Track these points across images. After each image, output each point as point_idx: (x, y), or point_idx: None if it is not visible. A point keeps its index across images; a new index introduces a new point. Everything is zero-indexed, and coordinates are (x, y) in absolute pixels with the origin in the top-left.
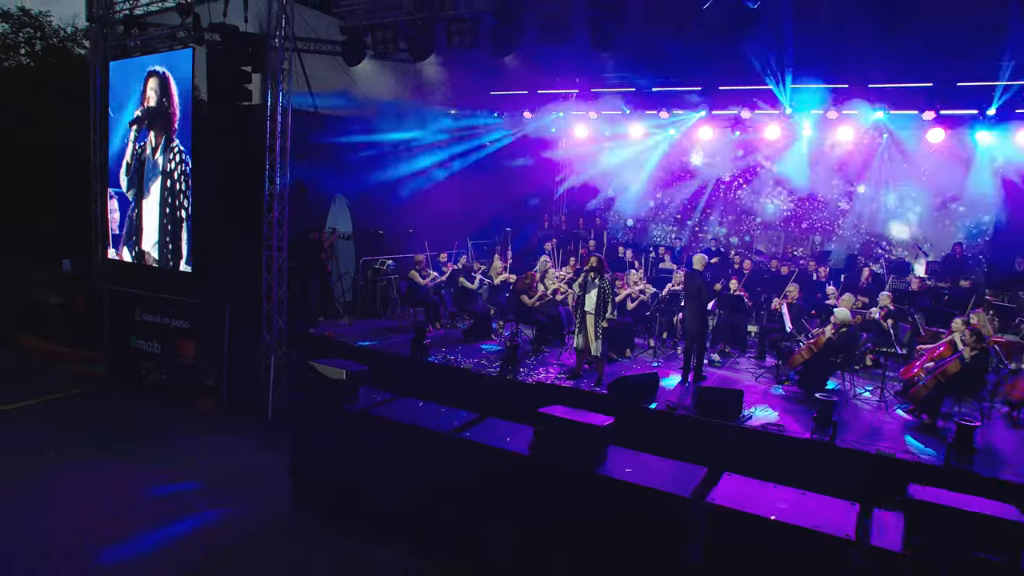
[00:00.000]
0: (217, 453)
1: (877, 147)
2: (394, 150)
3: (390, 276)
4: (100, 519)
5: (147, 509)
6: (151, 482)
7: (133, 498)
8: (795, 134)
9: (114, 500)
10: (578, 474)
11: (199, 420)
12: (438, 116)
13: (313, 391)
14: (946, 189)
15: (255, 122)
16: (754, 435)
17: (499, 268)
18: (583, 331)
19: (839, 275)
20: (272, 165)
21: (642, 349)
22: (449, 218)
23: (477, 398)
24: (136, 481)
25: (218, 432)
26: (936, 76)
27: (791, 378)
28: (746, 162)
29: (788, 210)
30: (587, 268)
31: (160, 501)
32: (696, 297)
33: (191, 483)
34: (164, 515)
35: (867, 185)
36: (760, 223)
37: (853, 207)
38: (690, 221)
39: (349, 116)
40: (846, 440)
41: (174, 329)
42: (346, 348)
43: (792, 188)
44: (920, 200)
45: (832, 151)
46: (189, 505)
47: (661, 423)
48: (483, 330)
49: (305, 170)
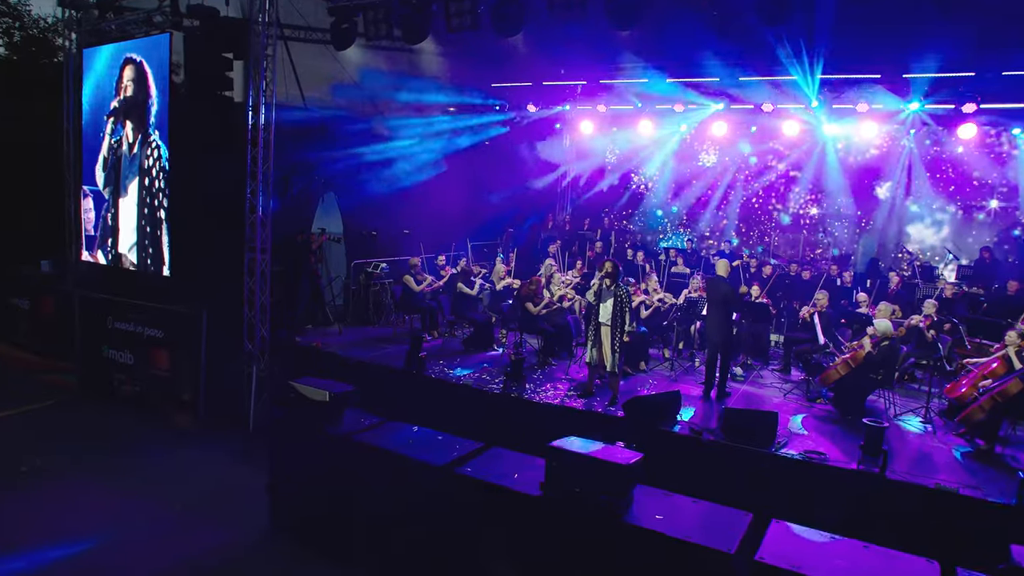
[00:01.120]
0: (194, 469)
1: (903, 144)
2: (389, 145)
3: (384, 280)
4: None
5: (120, 531)
6: (125, 500)
7: (106, 518)
8: (816, 130)
9: (87, 520)
10: (600, 521)
11: (174, 435)
12: (435, 109)
13: (294, 412)
14: (977, 189)
15: (237, 114)
16: (792, 465)
17: (501, 272)
18: (597, 344)
19: (863, 280)
20: (254, 161)
21: (657, 361)
22: (447, 218)
23: (478, 418)
24: (109, 500)
25: (195, 447)
26: (978, 65)
27: (824, 396)
28: (764, 160)
29: (807, 211)
30: (601, 275)
31: (134, 524)
32: (721, 306)
33: (167, 502)
34: (138, 537)
35: (891, 185)
36: (776, 226)
37: (876, 208)
38: (702, 223)
39: (340, 109)
40: (897, 471)
41: (148, 338)
42: (334, 359)
43: (811, 188)
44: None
45: (855, 148)
46: (166, 526)
47: (685, 449)
48: (484, 339)
49: (292, 166)
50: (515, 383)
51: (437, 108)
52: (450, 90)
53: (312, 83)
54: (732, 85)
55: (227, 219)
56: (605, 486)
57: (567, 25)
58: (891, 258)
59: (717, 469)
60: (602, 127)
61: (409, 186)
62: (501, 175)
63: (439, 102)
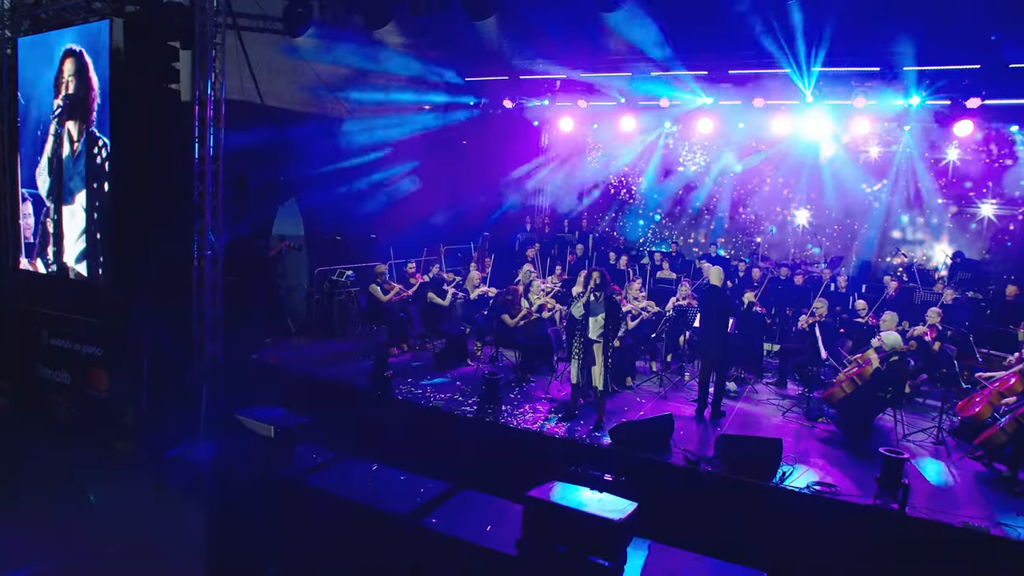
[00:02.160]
0: (131, 507)
1: (899, 142)
2: (354, 144)
3: (350, 289)
4: None
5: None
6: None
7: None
8: (808, 127)
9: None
10: None
11: (112, 464)
12: (405, 106)
13: (235, 448)
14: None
15: (185, 109)
16: (800, 500)
17: (475, 280)
18: (586, 363)
19: (858, 284)
20: (203, 160)
21: (644, 376)
22: (419, 221)
23: (450, 445)
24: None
25: (134, 479)
26: (984, 57)
27: (826, 414)
28: (752, 159)
29: (798, 212)
30: (590, 287)
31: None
32: (718, 318)
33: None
34: None
35: (885, 185)
36: (766, 227)
37: (870, 209)
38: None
39: (301, 105)
40: (915, 505)
41: (86, 356)
42: (291, 378)
43: (802, 187)
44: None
45: (849, 147)
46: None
47: (680, 482)
48: (457, 353)
49: (247, 167)
50: (490, 405)
51: (407, 105)
52: (421, 85)
53: (270, 77)
54: (721, 79)
55: (175, 225)
56: (593, 545)
57: (545, 9)
58: (885, 261)
59: (717, 504)
60: (583, 124)
61: (377, 188)
62: (476, 175)
63: (409, 99)
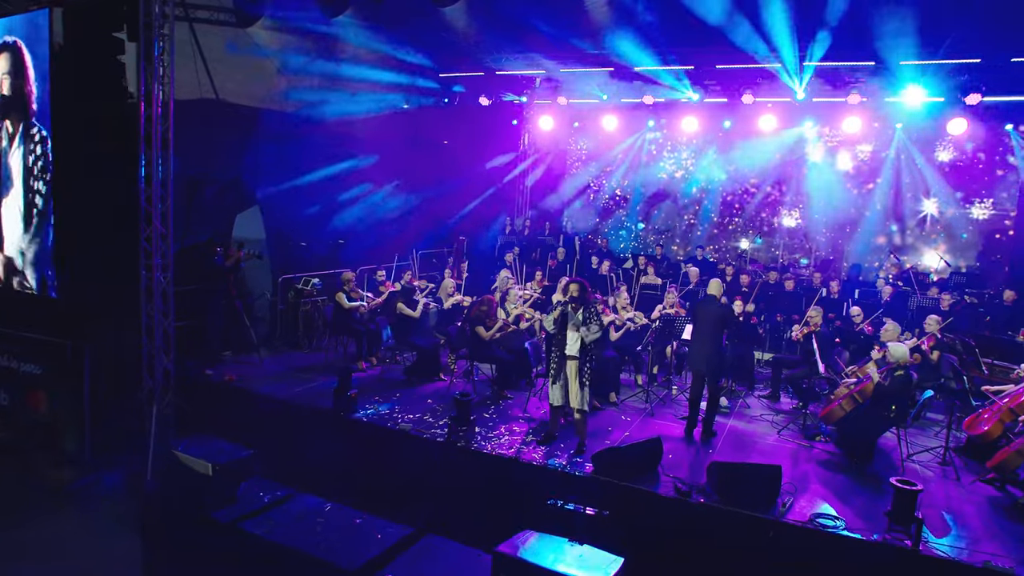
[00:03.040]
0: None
1: (889, 142)
2: (319, 143)
3: (316, 299)
4: None
5: None
6: None
7: None
8: (796, 122)
9: None
10: None
11: (51, 495)
12: (375, 102)
13: (171, 487)
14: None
15: (132, 106)
16: (802, 535)
17: (449, 288)
18: (560, 380)
19: (850, 289)
20: (150, 162)
21: (629, 390)
22: (391, 225)
23: (416, 476)
24: None
25: (76, 511)
26: (985, 50)
27: (824, 432)
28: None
29: (788, 213)
30: (566, 299)
31: None
32: (713, 331)
33: None
34: None
35: (876, 184)
36: (752, 235)
37: (863, 211)
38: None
39: (260, 102)
40: (929, 540)
41: (23, 376)
42: (248, 398)
43: (792, 188)
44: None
45: (841, 146)
46: None
47: (670, 514)
48: (429, 367)
49: (201, 169)
50: (461, 428)
51: (377, 101)
52: (391, 81)
53: (226, 73)
54: (708, 75)
55: (120, 231)
56: None
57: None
58: (877, 265)
59: (710, 539)
60: (564, 123)
61: (346, 190)
62: (452, 176)
63: (378, 94)
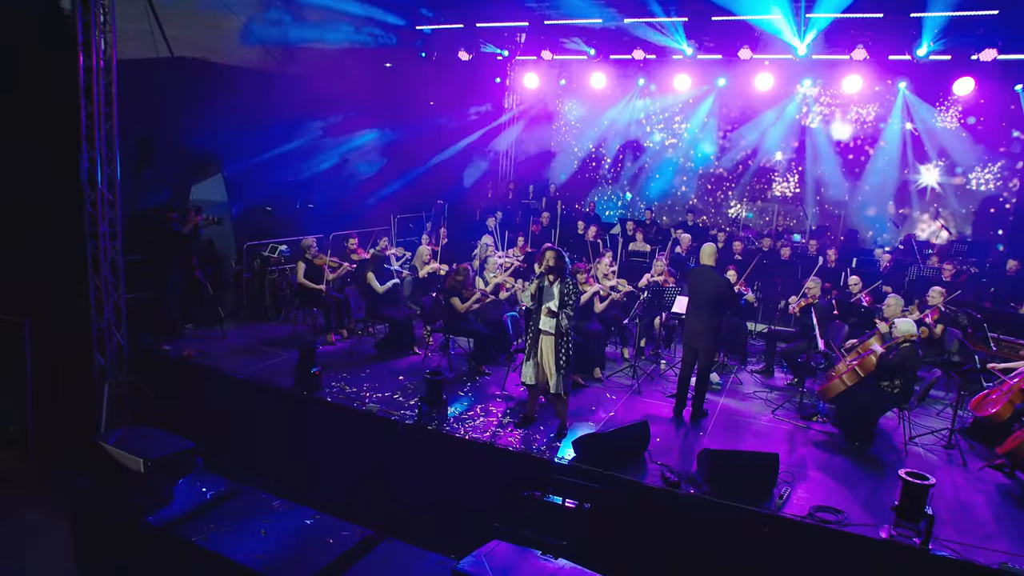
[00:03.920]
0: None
1: (890, 103)
2: (285, 99)
3: (284, 266)
4: None
5: None
6: None
7: None
8: (793, 82)
9: None
10: None
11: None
12: (346, 54)
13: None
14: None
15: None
16: (800, 531)
17: (425, 256)
18: (534, 356)
19: (847, 257)
20: (91, 118)
21: (615, 364)
22: (366, 189)
23: (382, 463)
24: None
25: (16, 501)
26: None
27: (822, 411)
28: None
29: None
30: (542, 269)
31: None
32: (709, 305)
33: None
34: None
35: (876, 149)
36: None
37: (860, 175)
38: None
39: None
40: (938, 537)
41: None
42: (207, 375)
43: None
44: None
45: (841, 106)
46: None
47: (657, 507)
48: (402, 340)
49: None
50: (433, 411)
51: (348, 53)
52: (364, 30)
53: (180, 21)
54: (703, 28)
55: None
56: None
57: None
58: (875, 231)
59: (700, 535)
60: (550, 80)
61: (316, 151)
62: (433, 137)
63: (352, 47)
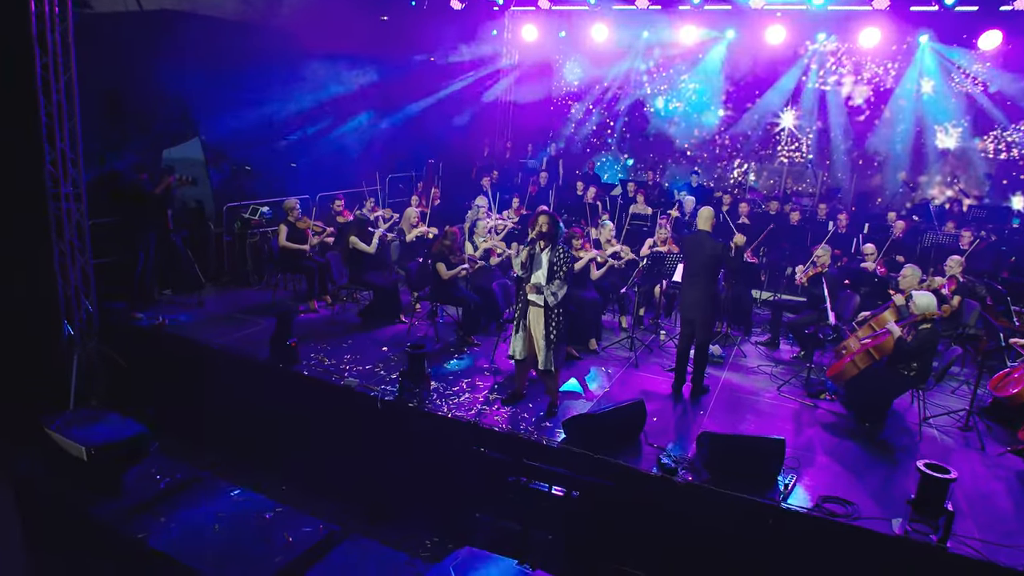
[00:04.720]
0: None
1: (909, 58)
2: (267, 51)
3: (265, 229)
4: None
5: None
6: None
7: None
8: (806, 37)
9: None
10: None
11: None
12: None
13: (44, 475)
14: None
15: None
16: (807, 524)
17: (413, 218)
18: (523, 329)
19: (859, 222)
20: (46, 69)
21: (612, 334)
22: (354, 147)
23: (358, 445)
24: None
25: None
26: None
27: (830, 389)
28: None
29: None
30: (534, 235)
31: None
32: (706, 273)
33: None
34: None
35: (890, 108)
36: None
37: (871, 132)
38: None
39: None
40: (957, 533)
41: None
42: (181, 345)
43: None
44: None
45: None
46: None
47: (653, 495)
48: (388, 308)
49: (120, 81)
50: (416, 386)
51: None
52: None
53: None
54: None
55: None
56: None
57: None
58: (888, 195)
59: (698, 526)
60: (549, 33)
61: (299, 107)
62: (426, 92)
63: None
